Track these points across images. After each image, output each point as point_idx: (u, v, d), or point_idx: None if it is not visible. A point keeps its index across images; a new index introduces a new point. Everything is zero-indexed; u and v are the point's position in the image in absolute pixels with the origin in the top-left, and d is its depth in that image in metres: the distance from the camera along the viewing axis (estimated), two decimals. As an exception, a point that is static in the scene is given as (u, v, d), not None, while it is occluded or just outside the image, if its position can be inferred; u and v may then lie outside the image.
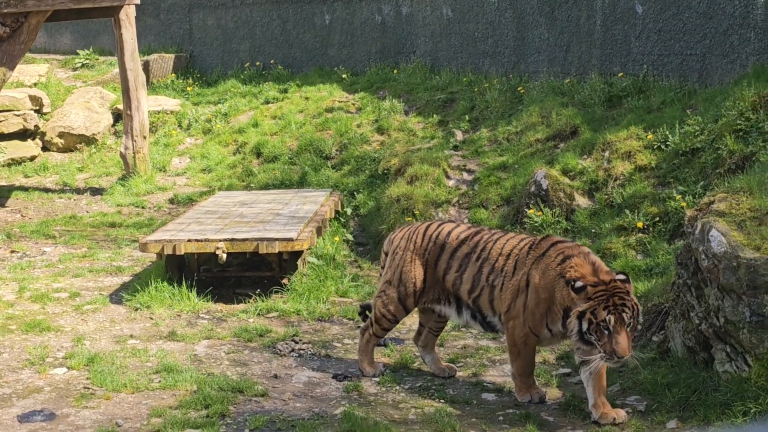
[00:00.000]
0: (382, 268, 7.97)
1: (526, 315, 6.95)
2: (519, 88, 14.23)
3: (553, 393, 7.39)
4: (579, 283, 6.53)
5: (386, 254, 7.93)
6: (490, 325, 7.38)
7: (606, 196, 10.51)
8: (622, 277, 6.67)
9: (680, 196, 9.63)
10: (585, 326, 6.50)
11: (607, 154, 11.06)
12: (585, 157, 11.33)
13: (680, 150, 10.29)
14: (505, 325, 7.13)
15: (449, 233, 7.59)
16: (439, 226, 7.72)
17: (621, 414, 6.70)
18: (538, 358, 8.14)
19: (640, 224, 9.70)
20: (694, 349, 7.13)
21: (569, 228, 10.35)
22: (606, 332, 6.43)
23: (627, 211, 9.99)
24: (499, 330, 7.36)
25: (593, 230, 10.17)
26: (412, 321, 9.33)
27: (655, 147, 10.66)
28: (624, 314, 6.43)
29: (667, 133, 10.62)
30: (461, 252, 7.45)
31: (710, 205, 7.36)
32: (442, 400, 7.23)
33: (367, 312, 8.20)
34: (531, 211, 10.70)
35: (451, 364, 7.93)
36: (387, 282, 7.73)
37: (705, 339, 6.97)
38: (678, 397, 6.76)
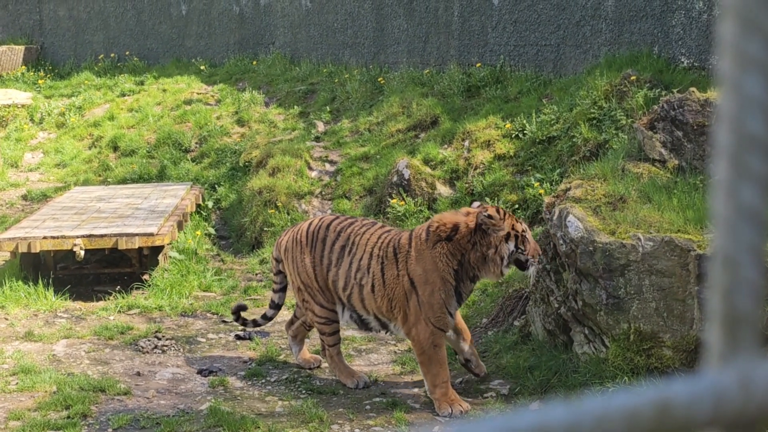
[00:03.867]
0: (274, 274, 7.89)
1: (425, 313, 6.77)
2: (379, 79, 14.30)
3: (418, 380, 7.46)
4: (486, 212, 6.69)
5: (277, 261, 7.79)
6: (365, 324, 7.30)
7: (467, 185, 10.66)
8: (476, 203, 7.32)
9: (538, 183, 9.86)
10: (513, 244, 6.70)
11: (467, 143, 11.23)
12: (445, 146, 11.47)
13: (537, 138, 10.52)
14: (408, 336, 6.96)
15: (328, 226, 7.45)
16: (320, 220, 7.59)
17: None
18: (405, 347, 8.22)
19: (499, 212, 9.88)
20: (554, 332, 7.31)
21: (431, 216, 10.46)
22: (526, 240, 6.74)
23: (487, 199, 10.17)
24: (374, 329, 7.31)
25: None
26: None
27: (513, 136, 10.87)
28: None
29: (525, 122, 10.85)
30: (337, 245, 7.35)
31: (567, 191, 7.55)
32: (309, 392, 7.22)
33: (240, 313, 8.14)
34: (393, 200, 10.78)
35: (317, 356, 7.91)
36: (297, 289, 7.54)
37: (564, 322, 7.15)
38: (540, 379, 6.93)
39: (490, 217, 6.67)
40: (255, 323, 8.22)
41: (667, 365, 6.40)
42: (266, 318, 8.13)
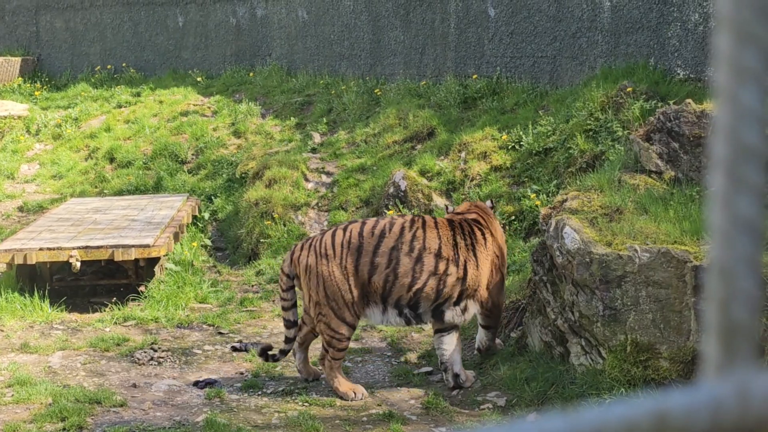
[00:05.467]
0: (283, 291, 7.67)
1: (493, 277, 7.56)
2: (376, 91, 14.32)
3: (415, 392, 7.45)
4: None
5: (290, 277, 7.59)
6: (418, 318, 7.48)
7: (463, 196, 10.67)
8: None
9: (534, 194, 9.87)
10: None
11: (463, 154, 11.24)
12: (442, 157, 11.48)
13: (534, 150, 10.54)
14: (483, 305, 7.51)
15: (360, 233, 7.45)
16: (346, 230, 7.52)
17: None
18: (401, 358, 8.21)
19: (496, 223, 9.88)
20: (550, 344, 7.31)
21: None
22: None
23: (484, 211, 10.17)
24: (425, 320, 7.55)
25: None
26: (273, 325, 9.28)
27: (509, 147, 10.89)
28: None
29: (521, 133, 10.87)
30: (384, 249, 7.38)
31: (563, 203, 7.56)
32: (306, 403, 7.21)
33: (269, 352, 7.82)
34: (390, 212, 10.78)
35: (317, 370, 7.85)
36: (316, 304, 7.42)
37: (561, 333, 7.15)
38: (536, 391, 6.92)
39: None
40: (283, 353, 7.84)
41: (664, 376, 6.40)
42: (290, 341, 7.79)
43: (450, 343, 7.47)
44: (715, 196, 0.95)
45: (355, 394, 7.31)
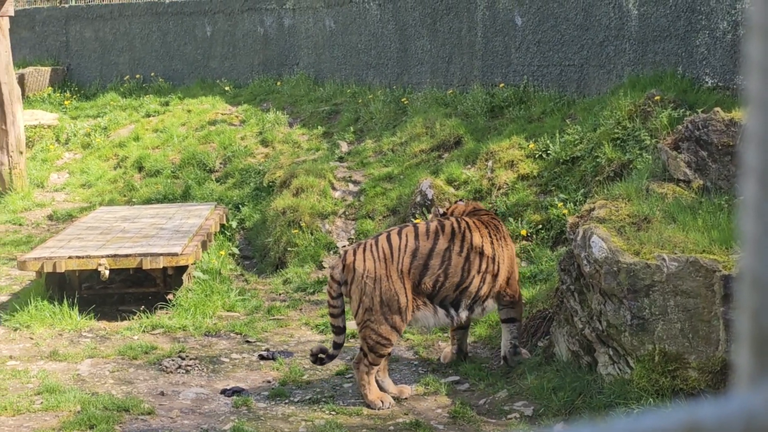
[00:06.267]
0: (332, 298, 7.53)
1: (513, 270, 8.03)
2: (403, 99, 14.33)
3: (442, 401, 7.44)
4: None
5: (340, 284, 7.51)
6: (472, 310, 7.79)
7: (490, 205, 10.64)
8: None
9: (562, 203, 9.83)
10: None
11: (490, 163, 11.22)
12: (469, 166, 11.47)
13: (561, 158, 10.50)
14: (512, 297, 7.89)
15: (416, 236, 7.57)
16: (400, 235, 7.59)
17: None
18: (428, 367, 8.20)
19: (523, 232, 9.86)
20: (578, 353, 7.27)
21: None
22: None
23: (511, 219, 10.15)
24: (477, 316, 7.95)
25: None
26: (300, 333, 9.29)
27: (536, 156, 10.86)
28: None
29: (548, 142, 10.83)
30: (439, 250, 7.55)
31: (591, 211, 7.53)
32: (333, 412, 7.21)
33: (320, 355, 7.69)
34: (417, 220, 10.76)
35: (406, 387, 7.67)
36: (367, 309, 7.39)
37: (588, 343, 7.11)
38: (564, 400, 6.88)
39: None
40: (331, 357, 7.76)
41: (692, 387, 6.35)
42: (338, 347, 7.71)
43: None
44: (747, 204, 0.94)
45: (382, 403, 7.30)
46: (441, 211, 8.54)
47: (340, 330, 7.64)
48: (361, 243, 7.66)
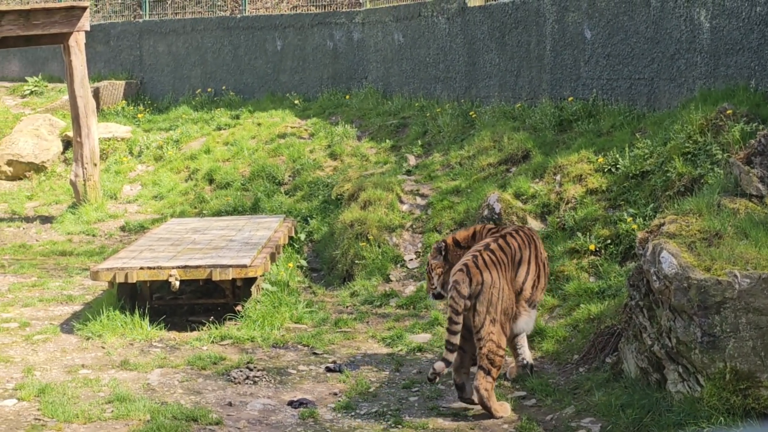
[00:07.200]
0: (456, 314, 7.30)
1: None
2: (471, 113, 14.33)
3: (509, 416, 7.40)
4: None
5: (469, 297, 7.35)
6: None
7: (558, 219, 10.58)
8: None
9: (631, 218, 9.73)
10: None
11: (558, 177, 11.16)
12: (537, 180, 11.42)
13: (630, 173, 10.40)
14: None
15: (507, 243, 7.83)
16: (498, 240, 7.78)
17: None
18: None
19: (592, 247, 9.78)
20: (647, 370, 7.19)
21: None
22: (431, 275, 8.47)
23: (579, 234, 10.07)
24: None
25: (546, 253, 10.23)
26: (367, 347, 9.32)
27: (605, 170, 10.77)
28: None
29: (617, 156, 10.74)
30: (525, 256, 7.90)
31: (661, 227, 7.45)
32: (398, 425, 7.22)
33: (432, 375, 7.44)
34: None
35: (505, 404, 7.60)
36: (492, 321, 7.38)
37: (657, 360, 7.03)
38: (632, 418, 6.81)
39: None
40: (438, 375, 7.54)
41: (765, 406, 6.23)
42: (449, 364, 7.47)
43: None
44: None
45: (505, 411, 7.42)
46: (443, 244, 8.39)
47: (454, 348, 7.39)
48: (474, 256, 7.54)
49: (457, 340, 7.38)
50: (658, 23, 11.46)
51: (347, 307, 10.75)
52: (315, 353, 9.15)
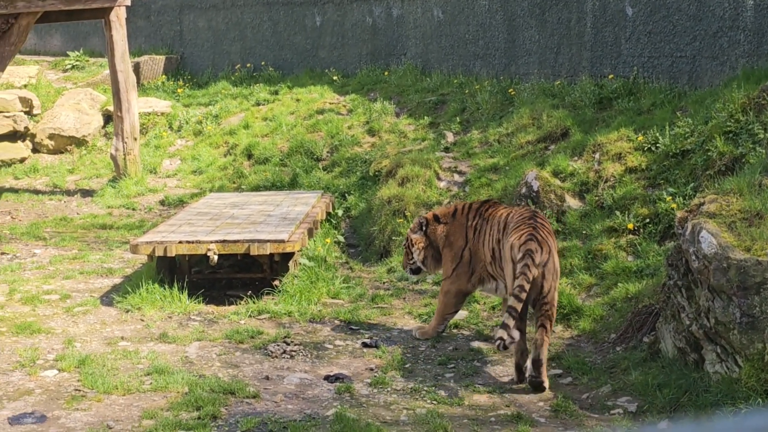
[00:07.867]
0: (528, 281, 7.47)
1: None
2: (510, 90, 14.26)
3: (544, 394, 7.41)
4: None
5: (541, 266, 7.61)
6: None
7: (597, 198, 10.53)
8: None
9: (670, 197, 9.66)
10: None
11: (597, 155, 11.09)
12: (576, 158, 11.36)
13: (670, 152, 10.32)
14: None
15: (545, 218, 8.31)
16: (539, 218, 8.07)
17: None
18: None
19: (630, 225, 9.72)
20: (684, 350, 7.16)
21: (560, 229, 10.37)
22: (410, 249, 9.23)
23: (617, 213, 10.02)
24: None
25: (584, 231, 10.19)
26: (404, 322, 9.35)
27: (645, 149, 10.69)
28: None
29: (657, 134, 10.65)
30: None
31: (700, 206, 7.39)
32: (434, 402, 7.25)
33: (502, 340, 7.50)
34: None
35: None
36: (555, 287, 7.85)
37: (695, 340, 7.00)
38: (669, 397, 6.79)
39: None
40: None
41: (803, 388, 6.19)
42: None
43: None
44: None
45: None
46: (424, 220, 8.99)
47: (518, 316, 7.47)
48: (531, 233, 7.73)
49: (520, 307, 7.45)
50: (701, 0, 11.33)
51: (384, 283, 10.77)
52: (351, 328, 9.19)
